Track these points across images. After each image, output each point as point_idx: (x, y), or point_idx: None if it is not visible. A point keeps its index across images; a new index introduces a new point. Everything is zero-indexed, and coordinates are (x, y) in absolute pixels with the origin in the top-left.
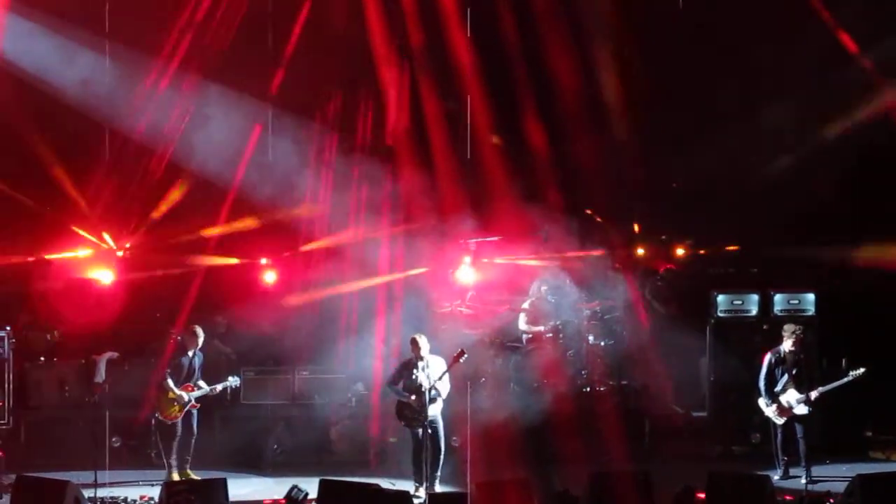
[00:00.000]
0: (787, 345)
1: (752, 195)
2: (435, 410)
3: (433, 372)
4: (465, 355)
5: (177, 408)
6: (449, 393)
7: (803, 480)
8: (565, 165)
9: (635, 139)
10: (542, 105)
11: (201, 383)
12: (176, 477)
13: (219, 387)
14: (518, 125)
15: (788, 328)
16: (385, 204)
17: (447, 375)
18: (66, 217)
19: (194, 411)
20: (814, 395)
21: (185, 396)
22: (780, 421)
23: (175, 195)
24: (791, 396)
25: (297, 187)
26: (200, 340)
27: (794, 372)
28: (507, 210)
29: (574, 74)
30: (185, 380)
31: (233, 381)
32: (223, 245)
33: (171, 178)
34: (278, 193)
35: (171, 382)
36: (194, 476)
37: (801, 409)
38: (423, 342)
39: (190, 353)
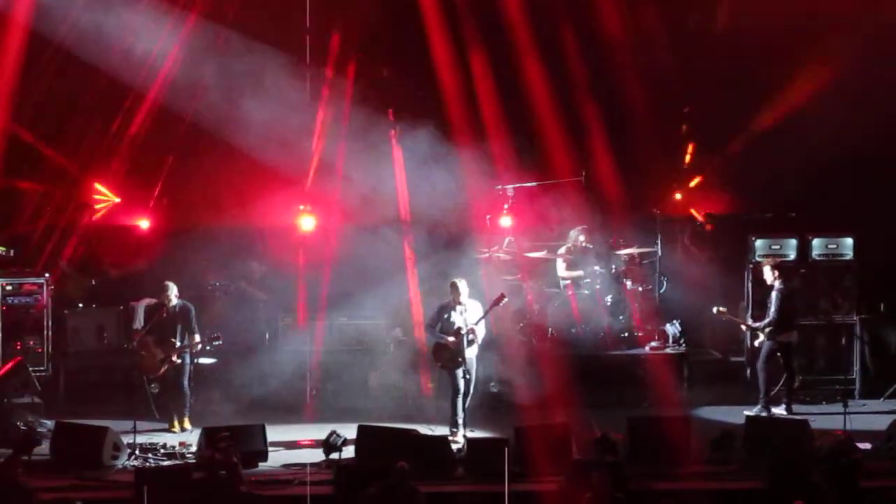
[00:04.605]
0: None
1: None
2: (471, 353)
3: (471, 316)
4: (506, 299)
5: (156, 364)
6: (485, 337)
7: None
8: (610, 110)
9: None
10: (582, 41)
11: (196, 338)
12: (176, 428)
13: (196, 338)
14: (558, 63)
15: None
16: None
17: (485, 319)
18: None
19: (185, 367)
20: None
21: (159, 353)
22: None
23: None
24: None
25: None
26: (171, 294)
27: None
28: (546, 154)
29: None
30: (164, 336)
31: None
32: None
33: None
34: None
35: (147, 341)
36: (187, 426)
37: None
38: (462, 286)
39: (168, 309)
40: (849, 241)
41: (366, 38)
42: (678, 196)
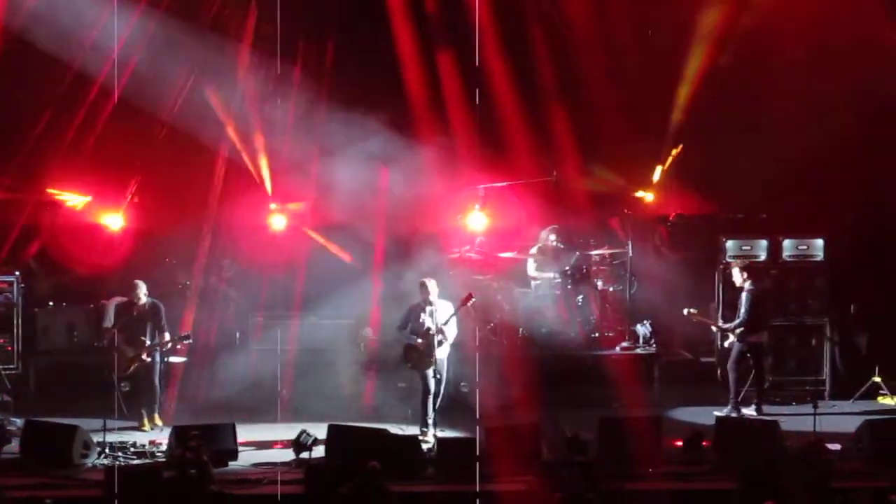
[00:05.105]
0: None
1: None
2: (441, 354)
3: (440, 316)
4: (474, 298)
5: (126, 363)
6: (456, 337)
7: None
8: (577, 109)
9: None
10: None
11: (167, 336)
12: (147, 427)
13: (167, 337)
14: (527, 66)
15: None
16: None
17: (455, 319)
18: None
19: (155, 365)
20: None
21: (129, 352)
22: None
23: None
24: None
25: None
26: (141, 293)
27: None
28: (516, 154)
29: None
30: (134, 334)
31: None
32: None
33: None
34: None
35: (117, 339)
36: (158, 422)
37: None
38: (431, 286)
39: (138, 308)
40: (819, 242)
41: (330, 32)
42: (650, 197)
